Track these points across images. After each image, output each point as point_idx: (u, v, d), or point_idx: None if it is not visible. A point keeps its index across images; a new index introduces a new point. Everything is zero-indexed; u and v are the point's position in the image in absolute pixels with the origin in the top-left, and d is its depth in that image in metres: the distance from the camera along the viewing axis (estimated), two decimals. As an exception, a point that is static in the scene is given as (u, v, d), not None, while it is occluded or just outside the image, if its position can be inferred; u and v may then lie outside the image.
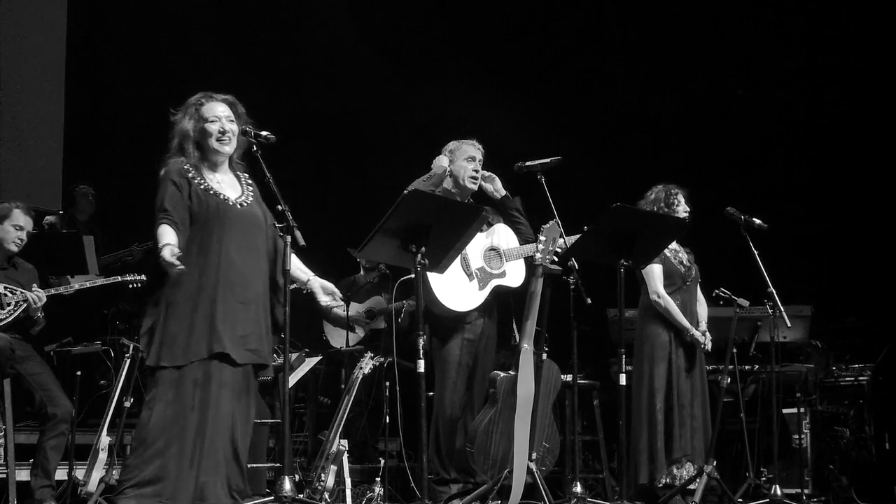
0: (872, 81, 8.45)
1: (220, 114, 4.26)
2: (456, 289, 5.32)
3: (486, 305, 5.41)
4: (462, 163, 5.48)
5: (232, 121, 4.27)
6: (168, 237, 4.03)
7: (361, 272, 7.93)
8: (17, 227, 5.50)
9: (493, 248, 5.44)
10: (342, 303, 4.52)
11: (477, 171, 5.48)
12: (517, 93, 9.00)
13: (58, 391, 5.42)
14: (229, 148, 4.28)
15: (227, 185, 4.28)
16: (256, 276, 4.22)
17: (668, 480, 5.62)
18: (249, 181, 4.37)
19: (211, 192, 4.20)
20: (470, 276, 5.37)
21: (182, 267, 3.92)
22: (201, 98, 4.30)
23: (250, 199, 4.31)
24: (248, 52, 8.95)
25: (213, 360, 4.08)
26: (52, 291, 5.46)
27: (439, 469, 5.26)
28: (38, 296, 5.34)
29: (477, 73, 9.02)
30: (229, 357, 4.10)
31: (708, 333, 5.83)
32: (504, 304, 5.58)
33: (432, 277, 5.18)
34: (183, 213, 4.12)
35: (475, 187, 5.49)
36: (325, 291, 4.40)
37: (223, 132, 4.24)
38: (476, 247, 5.33)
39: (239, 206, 4.23)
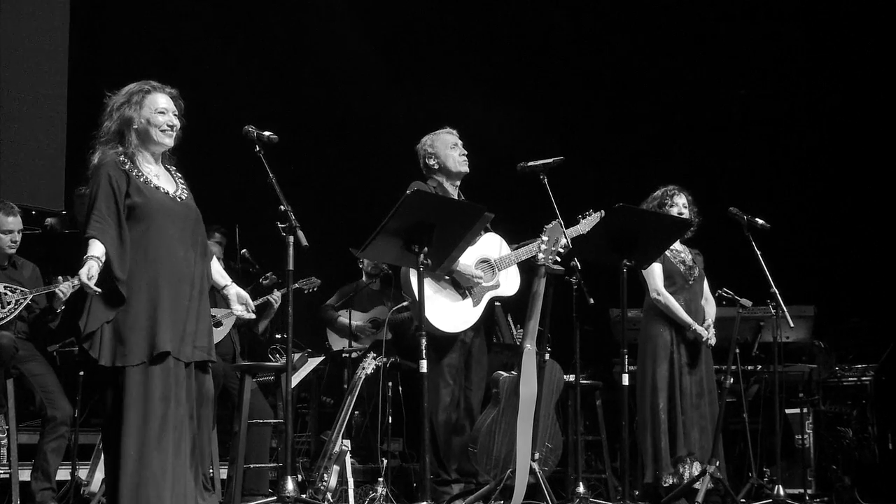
0: (877, 82, 8.44)
1: (166, 106, 4.14)
2: (450, 310, 5.22)
3: (483, 319, 5.34)
4: (448, 152, 5.47)
5: (176, 115, 4.17)
6: (94, 249, 3.90)
7: (364, 278, 7.92)
8: (6, 231, 5.49)
9: (483, 260, 5.34)
10: (253, 315, 4.42)
11: (464, 154, 5.48)
12: (519, 92, 9.00)
13: (59, 393, 5.42)
14: (171, 141, 4.16)
15: (164, 178, 4.16)
16: (198, 271, 4.10)
17: (675, 480, 5.61)
18: (179, 174, 4.26)
19: (151, 185, 4.07)
20: (463, 294, 5.28)
21: (98, 290, 3.83)
22: (146, 87, 4.16)
23: (185, 193, 4.19)
24: (251, 54, 8.95)
25: (163, 358, 3.93)
26: (71, 283, 5.40)
27: (438, 470, 5.25)
28: (66, 287, 5.26)
29: (479, 73, 9.02)
30: (179, 355, 3.97)
31: (713, 328, 5.83)
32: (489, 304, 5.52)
33: (426, 302, 5.12)
34: (117, 212, 3.97)
35: (468, 169, 5.48)
36: (239, 300, 4.30)
37: (171, 125, 4.13)
38: (466, 261, 5.23)
39: (178, 200, 4.13)
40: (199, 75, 8.15)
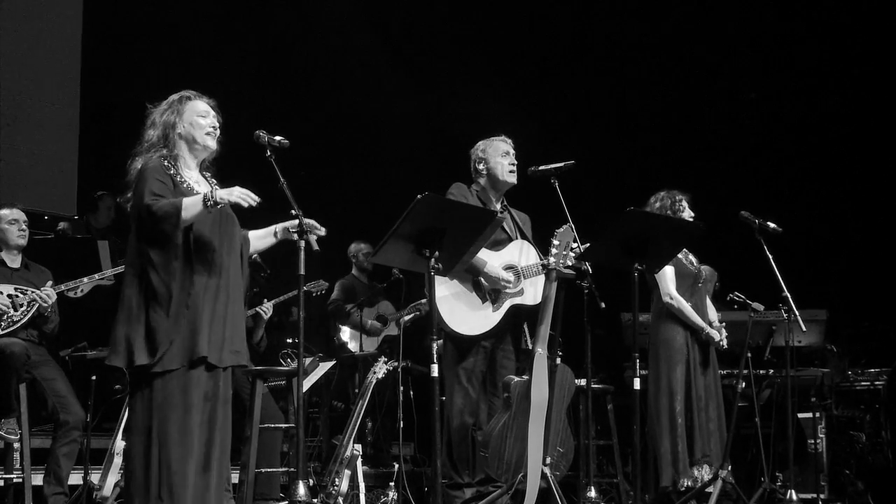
0: (889, 85, 8.42)
1: (207, 110, 4.22)
2: (468, 313, 5.19)
3: (502, 325, 5.28)
4: (498, 159, 5.39)
5: (216, 119, 4.24)
6: (192, 196, 3.96)
7: (353, 270, 7.97)
8: (12, 220, 5.54)
9: (509, 267, 5.28)
10: (323, 231, 4.35)
11: (513, 164, 5.43)
12: (528, 96, 9.00)
13: (71, 398, 5.43)
14: (214, 143, 4.21)
15: (203, 185, 4.20)
16: (237, 276, 4.16)
17: (690, 483, 5.60)
18: (215, 181, 4.29)
19: (193, 192, 4.11)
20: (483, 297, 5.23)
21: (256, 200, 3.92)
22: (188, 94, 4.24)
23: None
24: (261, 57, 8.98)
25: (200, 364, 3.99)
26: (62, 288, 5.47)
27: (452, 474, 5.24)
28: (47, 293, 5.36)
29: (488, 75, 9.03)
30: (213, 360, 4.03)
31: (724, 330, 5.81)
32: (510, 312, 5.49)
33: (442, 302, 5.09)
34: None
35: (515, 180, 5.44)
36: (292, 228, 4.29)
37: (214, 126, 4.20)
38: (489, 267, 5.21)
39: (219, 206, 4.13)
40: (211, 78, 8.15)
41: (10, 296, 5.34)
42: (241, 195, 3.95)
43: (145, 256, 3.98)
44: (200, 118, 4.18)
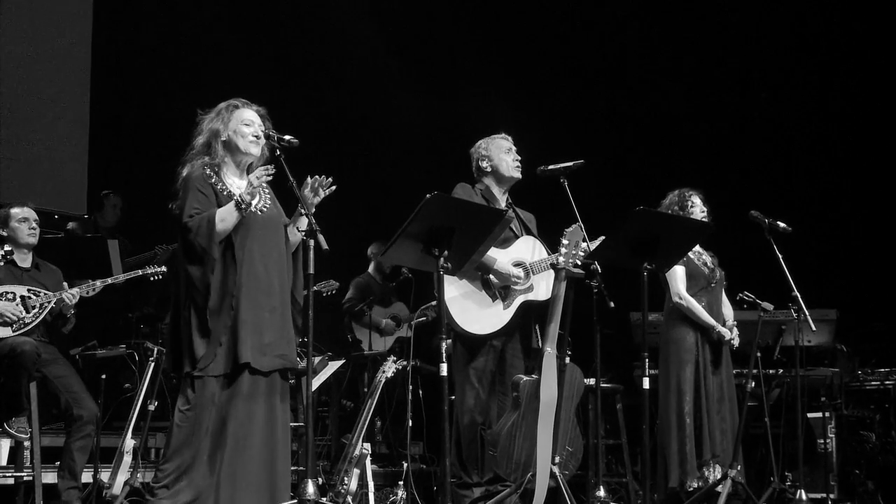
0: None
1: (253, 119, 4.33)
2: (479, 312, 5.19)
3: (513, 322, 5.27)
4: (502, 156, 5.42)
5: (262, 128, 4.35)
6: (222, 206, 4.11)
7: (370, 269, 8.01)
8: (23, 219, 5.55)
9: (517, 263, 5.28)
10: (329, 183, 4.39)
11: (517, 159, 5.45)
12: (536, 94, 8.99)
13: (83, 393, 5.45)
14: (257, 150, 4.32)
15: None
16: (279, 281, 4.25)
17: (699, 484, 5.58)
18: (265, 185, 4.35)
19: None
20: (493, 296, 5.23)
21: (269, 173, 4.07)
22: (236, 102, 4.36)
23: (268, 202, 4.34)
24: (270, 57, 8.99)
25: (241, 370, 4.12)
26: (78, 290, 5.49)
27: (461, 473, 5.24)
28: (71, 294, 5.39)
29: (496, 76, 9.02)
30: (257, 365, 4.15)
31: (736, 329, 5.80)
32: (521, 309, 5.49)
33: (452, 303, 5.09)
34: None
35: (521, 175, 5.45)
36: (309, 194, 4.29)
37: (257, 136, 4.30)
38: (499, 264, 5.22)
39: (260, 213, 4.26)
40: (220, 78, 8.19)
41: (22, 297, 5.36)
42: (259, 180, 4.08)
43: (188, 267, 4.12)
44: (245, 126, 4.28)
